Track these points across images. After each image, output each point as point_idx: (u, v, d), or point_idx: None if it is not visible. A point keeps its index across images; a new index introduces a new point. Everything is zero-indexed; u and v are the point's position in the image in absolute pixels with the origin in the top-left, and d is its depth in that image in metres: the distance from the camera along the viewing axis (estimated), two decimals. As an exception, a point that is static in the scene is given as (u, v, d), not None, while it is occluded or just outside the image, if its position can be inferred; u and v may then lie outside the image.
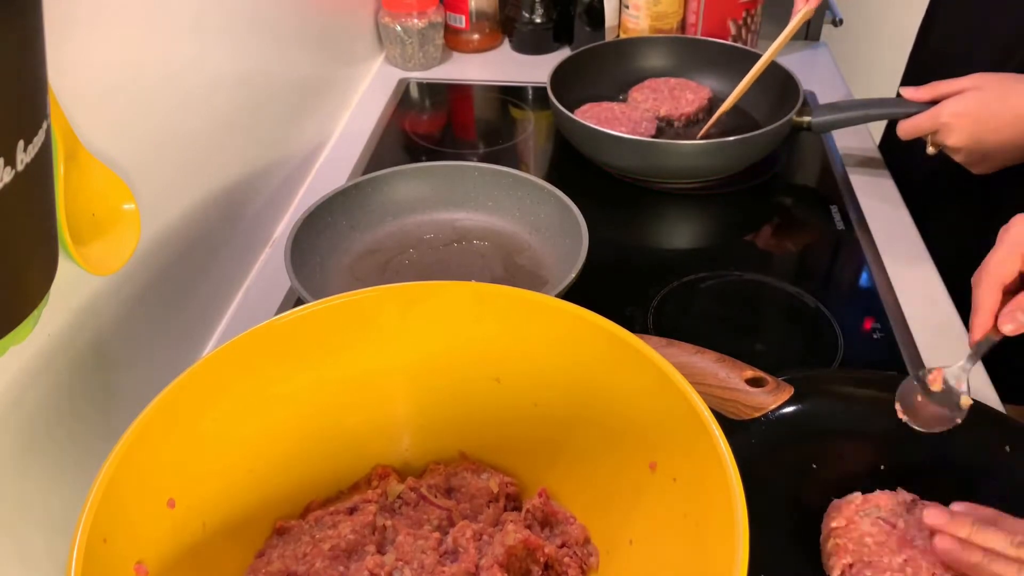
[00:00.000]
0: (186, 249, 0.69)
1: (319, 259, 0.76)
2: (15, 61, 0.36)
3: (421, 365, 0.55)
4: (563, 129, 0.97)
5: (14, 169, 0.37)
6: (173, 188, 0.67)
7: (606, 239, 0.76)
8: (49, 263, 0.45)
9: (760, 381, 0.55)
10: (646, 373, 0.48)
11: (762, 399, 0.54)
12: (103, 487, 0.41)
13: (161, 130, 0.65)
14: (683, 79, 1.05)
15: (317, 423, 0.54)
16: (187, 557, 0.46)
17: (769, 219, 0.90)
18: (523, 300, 0.53)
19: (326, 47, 1.02)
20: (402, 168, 0.84)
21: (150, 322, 0.65)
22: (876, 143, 1.02)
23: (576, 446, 0.53)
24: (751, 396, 0.55)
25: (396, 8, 1.13)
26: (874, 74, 1.31)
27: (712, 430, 0.44)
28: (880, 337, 0.73)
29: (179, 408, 0.47)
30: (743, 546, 0.39)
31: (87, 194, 0.52)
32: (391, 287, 0.54)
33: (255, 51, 0.81)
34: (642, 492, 0.49)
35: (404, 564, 0.49)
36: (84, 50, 0.54)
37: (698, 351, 0.59)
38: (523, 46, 1.24)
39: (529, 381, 0.54)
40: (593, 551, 0.52)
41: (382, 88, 1.15)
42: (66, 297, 0.54)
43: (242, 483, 0.51)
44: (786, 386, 0.55)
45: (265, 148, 0.84)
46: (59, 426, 0.55)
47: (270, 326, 0.51)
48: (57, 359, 0.54)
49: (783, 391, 0.55)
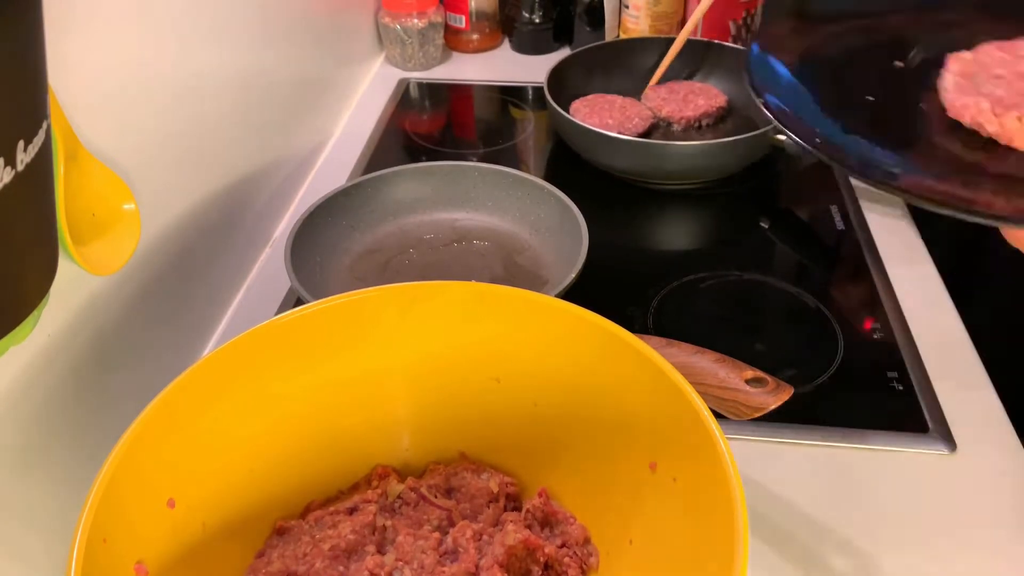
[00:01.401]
0: (186, 249, 0.69)
1: (319, 259, 0.76)
2: (15, 61, 0.36)
3: (421, 365, 0.55)
4: (558, 127, 0.97)
5: (14, 169, 0.37)
6: (173, 188, 0.67)
7: (606, 239, 0.76)
8: (49, 263, 0.45)
9: (760, 381, 0.55)
10: (646, 373, 0.48)
11: (763, 399, 0.54)
12: (103, 487, 0.41)
13: (161, 130, 0.65)
14: (705, 84, 1.04)
15: (317, 423, 0.54)
16: (187, 557, 0.46)
17: (769, 219, 0.90)
18: (523, 300, 0.53)
19: (326, 47, 1.02)
20: (402, 168, 0.84)
21: (150, 322, 0.65)
22: (876, 143, 1.02)
23: (576, 446, 0.53)
24: (751, 396, 0.55)
25: (396, 8, 1.14)
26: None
27: (712, 430, 0.44)
28: (880, 337, 0.73)
29: (179, 408, 0.47)
30: (743, 546, 0.39)
31: (87, 194, 0.52)
32: (391, 287, 0.54)
33: (255, 51, 0.81)
34: (642, 492, 0.49)
35: (404, 564, 0.49)
36: (84, 50, 0.54)
37: (698, 351, 0.59)
38: (523, 46, 1.24)
39: (529, 381, 0.54)
40: (593, 551, 0.52)
41: (382, 88, 1.15)
42: (66, 297, 0.54)
43: (242, 483, 0.51)
44: (786, 386, 0.55)
45: (265, 148, 0.84)
46: (59, 426, 0.55)
47: (270, 326, 0.51)
48: (57, 359, 0.54)
49: (783, 391, 0.55)
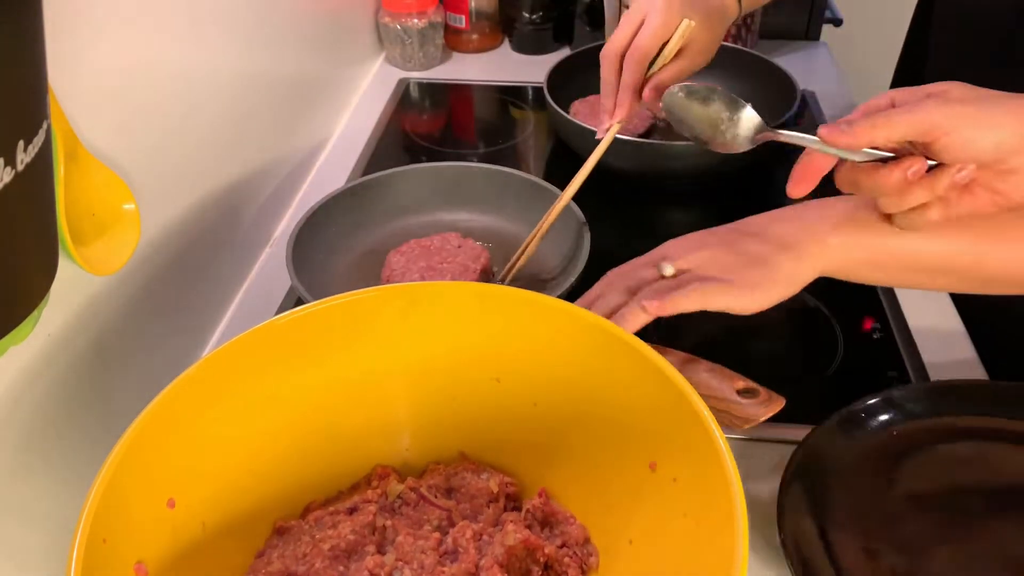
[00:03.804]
0: (186, 249, 0.69)
1: (320, 259, 0.76)
2: (15, 61, 0.36)
3: (421, 365, 0.55)
4: (558, 127, 0.97)
5: (14, 169, 0.37)
6: (173, 188, 0.67)
7: (606, 239, 0.76)
8: (49, 263, 0.45)
9: (752, 392, 0.55)
10: (646, 373, 0.48)
11: (753, 411, 0.54)
12: (103, 487, 0.41)
13: (161, 130, 0.65)
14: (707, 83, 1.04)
15: (317, 423, 0.54)
16: (187, 557, 0.46)
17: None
18: (523, 300, 0.53)
19: (326, 47, 1.02)
20: (402, 169, 0.84)
21: (150, 322, 0.65)
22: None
23: (576, 446, 0.53)
24: (743, 408, 0.55)
25: (396, 8, 1.14)
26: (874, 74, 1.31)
27: (712, 430, 0.44)
28: (880, 337, 0.73)
29: (179, 408, 0.47)
30: (743, 546, 0.39)
31: (87, 194, 0.52)
32: (391, 287, 0.54)
33: (255, 51, 0.81)
34: (642, 492, 0.49)
35: (404, 564, 0.49)
36: (84, 50, 0.54)
37: (690, 359, 0.59)
38: (523, 46, 1.24)
39: (529, 381, 0.54)
40: (593, 551, 0.52)
41: (382, 88, 1.15)
42: (66, 297, 0.54)
43: (242, 483, 0.51)
44: (778, 397, 0.55)
45: (265, 148, 0.84)
46: (59, 426, 0.55)
47: (270, 326, 0.51)
48: (57, 359, 0.54)
49: (775, 402, 0.55)
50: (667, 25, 0.72)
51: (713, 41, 0.79)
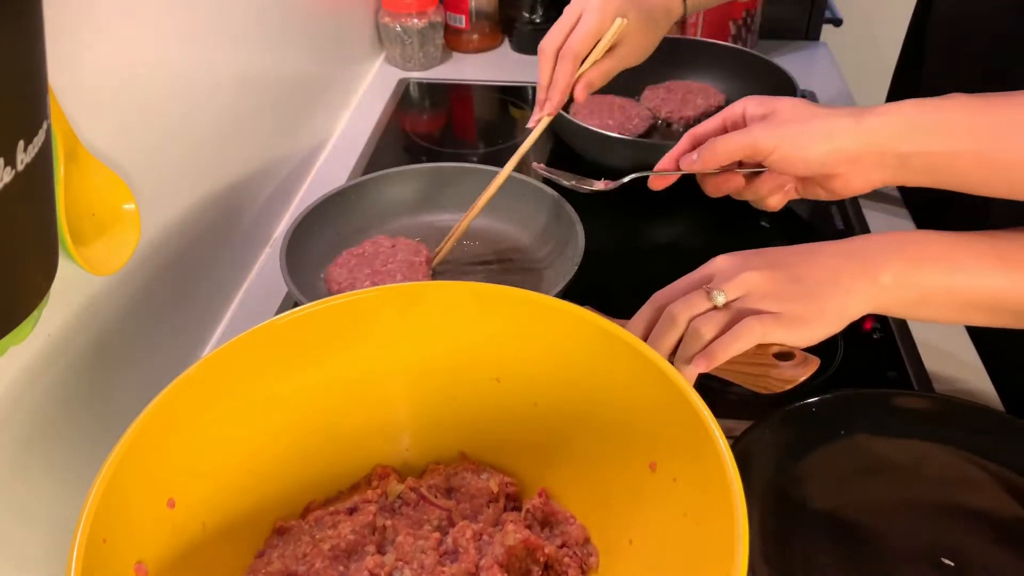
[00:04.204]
0: (186, 249, 0.69)
1: (317, 260, 0.76)
2: (15, 61, 0.36)
3: (421, 365, 0.55)
4: (558, 127, 0.97)
5: (14, 169, 0.37)
6: (173, 188, 0.67)
7: (607, 239, 0.76)
8: (49, 263, 0.45)
9: (787, 355, 0.55)
10: (646, 373, 0.48)
11: (792, 372, 0.55)
12: (103, 487, 0.41)
13: (161, 130, 0.65)
14: (704, 83, 1.04)
15: (317, 423, 0.54)
16: (187, 557, 0.46)
17: (770, 219, 0.90)
18: (522, 300, 0.53)
19: (326, 47, 1.02)
20: (402, 169, 0.84)
21: (150, 322, 0.65)
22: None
23: (576, 446, 0.53)
24: (782, 371, 0.55)
25: (396, 8, 1.13)
26: (874, 74, 1.31)
27: (712, 430, 0.44)
28: (880, 337, 0.73)
29: (179, 408, 0.47)
30: (743, 546, 0.39)
31: (87, 194, 0.52)
32: (391, 287, 0.54)
33: (255, 51, 0.81)
34: (642, 492, 0.49)
35: (404, 564, 0.49)
36: (85, 50, 0.54)
37: None
38: (523, 46, 1.24)
39: (529, 381, 0.54)
40: (593, 551, 0.52)
41: (382, 88, 1.15)
42: (66, 297, 0.54)
43: (242, 483, 0.51)
44: (813, 358, 0.55)
45: (265, 148, 0.84)
46: (59, 426, 0.55)
47: (270, 326, 0.51)
48: (57, 359, 0.54)
49: (811, 363, 0.55)
50: (601, 24, 0.75)
51: (650, 41, 0.81)
